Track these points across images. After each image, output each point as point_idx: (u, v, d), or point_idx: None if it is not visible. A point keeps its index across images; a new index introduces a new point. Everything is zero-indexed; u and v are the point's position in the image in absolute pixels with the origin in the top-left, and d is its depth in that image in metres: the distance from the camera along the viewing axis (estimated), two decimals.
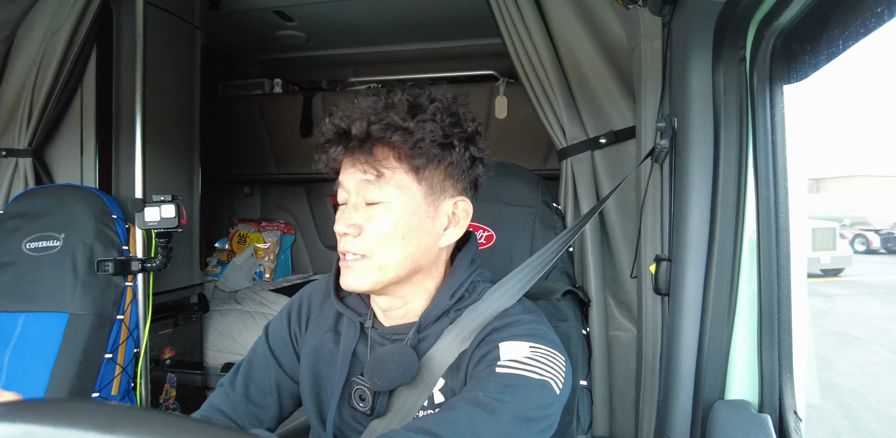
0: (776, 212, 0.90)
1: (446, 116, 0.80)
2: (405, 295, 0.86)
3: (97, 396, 1.70)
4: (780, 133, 0.90)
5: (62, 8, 1.83)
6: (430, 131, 0.77)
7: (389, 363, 0.79)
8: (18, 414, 0.33)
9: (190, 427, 0.33)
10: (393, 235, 0.80)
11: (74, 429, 0.31)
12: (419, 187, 0.80)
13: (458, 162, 0.82)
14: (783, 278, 0.90)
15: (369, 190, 0.80)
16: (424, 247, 0.82)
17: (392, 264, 0.80)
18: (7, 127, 1.94)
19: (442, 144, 0.79)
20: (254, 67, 3.26)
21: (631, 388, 1.40)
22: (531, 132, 2.42)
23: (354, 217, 0.81)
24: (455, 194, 0.84)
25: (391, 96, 0.81)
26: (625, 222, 1.43)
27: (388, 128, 0.77)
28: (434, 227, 0.83)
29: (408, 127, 0.77)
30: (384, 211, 0.80)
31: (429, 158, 0.79)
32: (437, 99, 0.82)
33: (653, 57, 1.23)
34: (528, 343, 0.78)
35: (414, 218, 0.81)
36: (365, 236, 0.80)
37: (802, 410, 0.90)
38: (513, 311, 0.85)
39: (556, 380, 0.76)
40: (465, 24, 2.64)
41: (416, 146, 0.77)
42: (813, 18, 0.81)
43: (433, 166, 0.81)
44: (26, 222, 1.78)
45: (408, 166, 0.79)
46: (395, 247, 0.80)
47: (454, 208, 0.85)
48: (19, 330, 1.67)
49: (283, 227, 3.30)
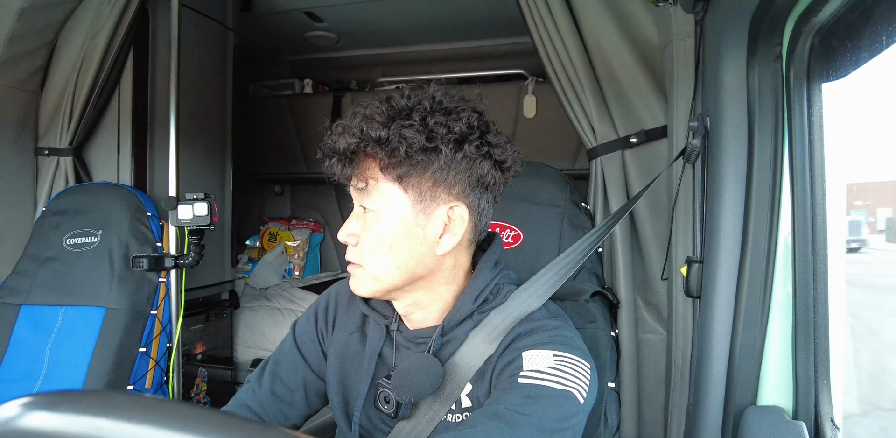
0: (813, 214, 0.88)
1: (434, 118, 0.76)
2: (417, 301, 0.85)
3: (132, 388, 1.75)
4: (817, 133, 0.88)
5: (101, 12, 1.88)
6: (407, 139, 0.74)
7: (414, 378, 0.79)
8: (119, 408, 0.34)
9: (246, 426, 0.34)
10: (382, 245, 0.79)
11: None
12: (406, 195, 0.78)
13: (448, 166, 0.77)
14: (820, 281, 0.88)
15: (361, 199, 0.81)
16: (417, 256, 0.80)
17: (384, 274, 0.80)
18: (49, 127, 2.01)
19: (425, 149, 0.75)
20: (284, 67, 3.30)
21: (660, 391, 1.38)
22: (560, 131, 2.40)
23: (353, 226, 0.82)
24: (450, 199, 0.80)
25: (369, 107, 0.79)
26: (655, 223, 1.41)
27: (362, 140, 0.76)
28: (426, 235, 0.80)
29: (381, 136, 0.75)
30: (374, 220, 0.80)
31: (412, 165, 0.76)
32: (422, 101, 0.78)
33: (685, 55, 1.21)
34: (552, 352, 0.76)
35: (402, 228, 0.79)
36: (360, 245, 0.81)
37: (840, 418, 0.88)
38: (538, 315, 0.83)
39: (580, 390, 0.74)
40: (494, 24, 2.63)
41: (393, 155, 0.75)
42: (854, 13, 0.79)
43: (418, 173, 0.77)
44: (66, 219, 1.84)
45: (391, 176, 0.77)
46: (384, 258, 0.80)
47: (449, 214, 0.80)
48: (60, 323, 1.73)
49: (312, 225, 3.34)
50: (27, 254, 1.85)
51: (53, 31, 1.94)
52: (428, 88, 0.80)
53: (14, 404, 0.34)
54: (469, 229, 0.83)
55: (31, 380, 1.68)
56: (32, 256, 1.83)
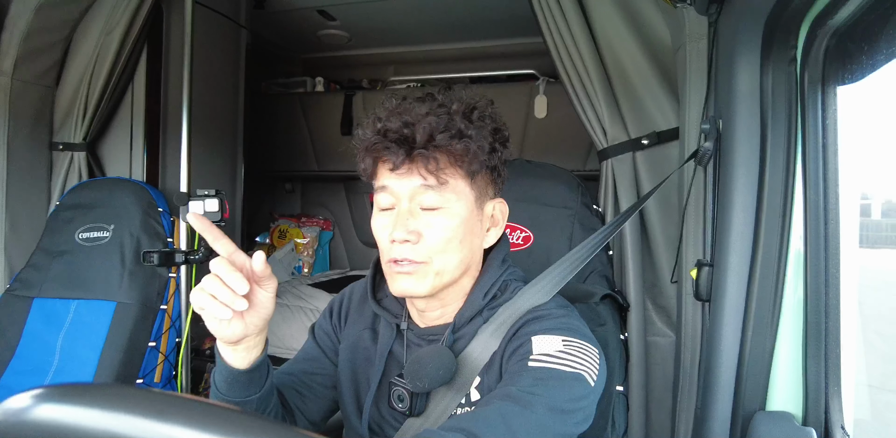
0: (825, 219, 0.87)
1: (489, 121, 0.81)
2: (446, 297, 0.86)
3: (141, 382, 1.77)
4: (831, 137, 0.87)
5: (116, 9, 1.90)
6: (484, 137, 0.79)
7: (429, 365, 0.79)
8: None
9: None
10: (453, 240, 0.80)
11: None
12: (471, 191, 0.82)
13: (497, 165, 0.84)
14: (832, 286, 0.87)
15: (428, 196, 0.79)
16: (474, 250, 0.85)
17: (449, 269, 0.81)
18: (64, 122, 2.04)
19: (490, 150, 0.81)
20: (296, 65, 3.31)
21: (668, 395, 1.37)
22: (571, 132, 2.39)
23: (413, 224, 0.79)
24: (494, 195, 0.87)
25: (446, 101, 0.80)
26: (666, 226, 1.40)
27: (453, 136, 0.76)
28: (481, 229, 0.86)
29: (470, 134, 0.77)
30: (445, 217, 0.80)
31: (481, 163, 0.80)
32: (477, 102, 0.83)
33: (698, 57, 1.20)
34: (560, 337, 0.78)
35: (468, 223, 0.82)
36: (424, 242, 0.79)
37: (850, 426, 0.87)
38: (545, 306, 0.85)
39: (590, 372, 0.75)
40: (506, 23, 2.62)
41: (474, 153, 0.78)
42: (871, 16, 0.78)
43: (484, 171, 0.82)
44: (79, 214, 1.86)
45: (464, 172, 0.80)
46: (453, 252, 0.81)
47: (493, 210, 0.87)
48: (71, 316, 1.75)
49: (322, 223, 3.35)
50: (40, 248, 1.87)
51: (69, 28, 1.96)
52: (467, 90, 0.84)
53: (25, 395, 0.34)
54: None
55: (43, 373, 1.70)
56: (46, 249, 1.85)
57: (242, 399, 0.81)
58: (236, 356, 0.78)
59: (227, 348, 0.77)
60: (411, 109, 0.79)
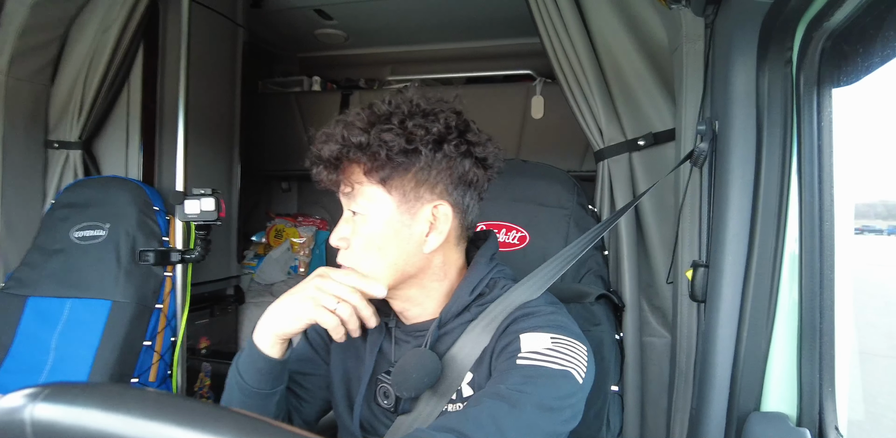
0: (821, 220, 0.87)
1: (409, 122, 0.79)
2: (411, 298, 0.88)
3: (136, 382, 1.76)
4: (826, 139, 0.87)
5: (113, 6, 1.89)
6: (388, 142, 0.77)
7: (413, 373, 0.80)
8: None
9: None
10: (370, 247, 0.82)
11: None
12: (390, 197, 0.81)
13: (428, 166, 0.80)
14: (826, 288, 0.87)
15: (349, 203, 0.84)
16: (406, 255, 0.83)
17: (375, 275, 0.83)
18: (60, 120, 2.03)
19: (405, 151, 0.78)
20: (293, 64, 3.31)
21: (663, 395, 1.38)
22: (567, 133, 2.39)
23: (343, 230, 0.85)
24: (433, 198, 0.82)
25: (350, 114, 0.82)
26: (662, 227, 1.40)
27: (344, 147, 0.79)
28: (412, 234, 0.83)
29: (362, 142, 0.77)
30: (362, 223, 0.83)
31: (393, 168, 0.79)
32: (400, 105, 0.81)
33: (694, 58, 1.20)
34: (548, 334, 0.78)
35: (388, 228, 0.82)
36: (351, 249, 0.84)
37: (844, 426, 0.87)
38: (534, 302, 0.85)
39: (578, 370, 0.76)
40: (503, 24, 2.63)
41: (375, 159, 0.78)
42: (867, 18, 0.78)
43: (400, 175, 0.80)
44: (75, 212, 1.85)
45: (374, 179, 0.80)
46: (374, 259, 0.83)
47: (434, 212, 0.83)
48: (66, 315, 1.74)
49: (318, 222, 3.34)
50: (35, 246, 1.86)
51: (65, 25, 1.95)
52: (407, 93, 0.83)
53: (19, 394, 0.34)
54: (455, 227, 0.86)
55: (37, 372, 1.69)
56: (40, 248, 1.85)
57: (271, 390, 0.86)
58: (282, 347, 0.84)
59: (281, 340, 0.83)
60: (333, 126, 0.83)
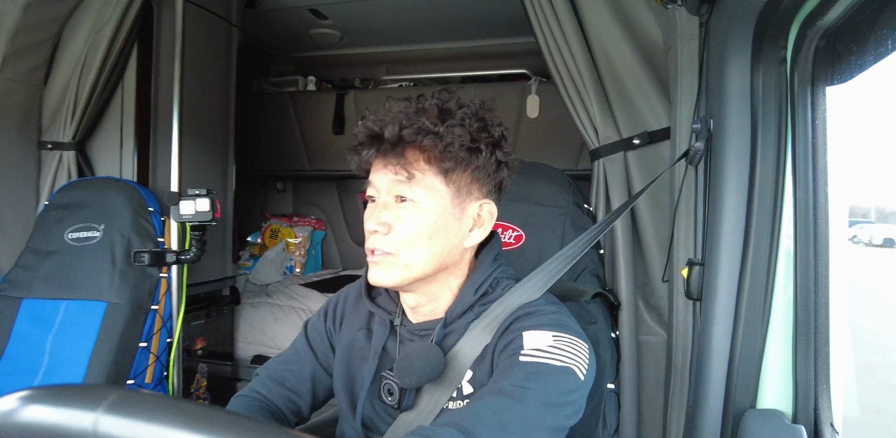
0: (815, 218, 0.88)
1: (474, 121, 0.82)
2: (431, 292, 0.89)
3: (132, 383, 1.75)
4: (821, 136, 0.88)
5: (106, 7, 1.88)
6: (459, 136, 0.80)
7: (417, 362, 0.81)
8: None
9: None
10: (421, 234, 0.82)
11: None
12: (447, 189, 0.83)
13: (484, 166, 0.84)
14: (821, 285, 0.88)
15: (400, 190, 0.83)
16: (450, 247, 0.85)
17: (418, 263, 0.83)
18: (53, 121, 2.02)
19: (470, 149, 0.81)
20: (288, 64, 3.30)
21: (659, 393, 1.38)
22: (563, 132, 2.40)
23: (384, 216, 0.83)
24: (480, 196, 0.87)
25: (422, 101, 0.84)
26: (657, 225, 1.40)
27: (419, 132, 0.79)
28: (460, 228, 0.85)
29: (438, 131, 0.79)
30: (413, 211, 0.82)
31: (457, 161, 0.81)
32: (466, 104, 0.84)
33: (689, 57, 1.21)
34: (551, 333, 0.79)
35: (441, 219, 0.83)
36: (393, 234, 0.83)
37: (839, 423, 0.87)
38: (536, 302, 0.87)
39: (580, 367, 0.77)
40: (498, 23, 2.63)
41: (445, 150, 0.80)
42: (860, 17, 0.78)
43: (461, 170, 0.83)
44: (69, 213, 1.84)
45: (437, 169, 0.82)
46: (421, 246, 0.83)
47: (479, 211, 0.87)
48: (61, 316, 1.73)
49: (314, 222, 3.34)
50: (29, 248, 1.85)
51: (58, 26, 1.94)
52: (459, 93, 0.86)
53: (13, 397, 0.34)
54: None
55: (32, 374, 1.68)
56: (34, 249, 1.84)
57: None
58: None
59: None
60: (389, 108, 0.84)
